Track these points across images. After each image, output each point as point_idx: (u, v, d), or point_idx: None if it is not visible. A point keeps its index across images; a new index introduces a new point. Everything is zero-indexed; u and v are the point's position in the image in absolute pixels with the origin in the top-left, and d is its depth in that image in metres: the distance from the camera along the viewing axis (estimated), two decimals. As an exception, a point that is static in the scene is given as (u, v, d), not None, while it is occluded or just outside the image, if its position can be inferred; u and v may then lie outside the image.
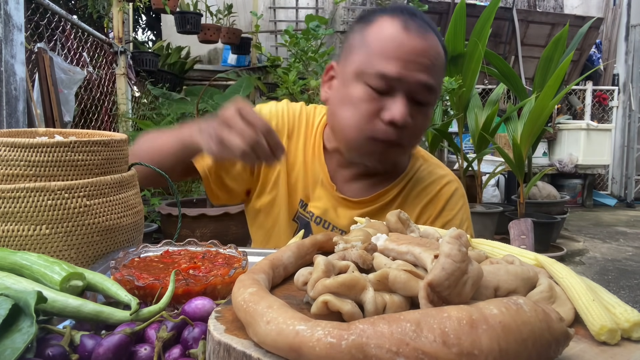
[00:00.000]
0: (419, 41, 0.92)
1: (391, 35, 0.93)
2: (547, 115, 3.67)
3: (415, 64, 0.91)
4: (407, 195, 1.10)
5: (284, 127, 1.13)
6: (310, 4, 6.55)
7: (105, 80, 4.23)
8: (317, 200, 1.09)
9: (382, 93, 0.93)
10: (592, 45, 7.10)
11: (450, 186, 1.11)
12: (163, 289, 0.58)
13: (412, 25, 0.93)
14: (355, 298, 0.45)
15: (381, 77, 0.91)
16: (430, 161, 1.16)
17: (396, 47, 0.91)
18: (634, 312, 0.46)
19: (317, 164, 1.10)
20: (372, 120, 0.93)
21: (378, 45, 0.93)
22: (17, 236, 0.77)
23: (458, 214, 1.10)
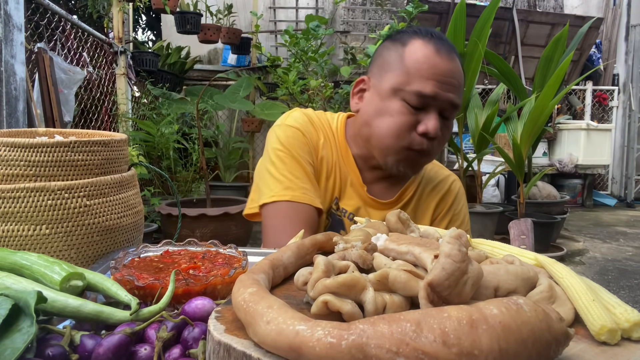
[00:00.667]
0: (449, 64, 1.05)
1: (426, 57, 1.04)
2: (547, 115, 3.67)
3: (447, 85, 1.04)
4: (422, 192, 1.24)
5: (318, 133, 1.18)
6: (310, 4, 6.55)
7: (105, 80, 4.23)
8: (349, 199, 1.18)
9: (417, 109, 1.04)
10: (592, 45, 7.10)
11: (456, 184, 1.29)
12: (163, 289, 0.58)
13: (442, 49, 1.06)
14: (355, 298, 0.45)
15: (419, 95, 1.03)
16: (435, 162, 1.30)
17: (432, 69, 1.03)
18: (634, 312, 0.46)
19: (346, 164, 1.18)
20: (408, 132, 1.05)
21: (415, 66, 1.04)
22: (17, 236, 0.77)
23: (463, 207, 1.28)
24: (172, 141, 4.15)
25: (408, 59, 1.05)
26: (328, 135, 1.20)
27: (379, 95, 1.09)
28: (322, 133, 1.20)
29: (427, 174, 1.26)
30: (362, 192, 1.17)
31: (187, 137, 4.46)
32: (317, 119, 1.22)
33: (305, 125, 1.17)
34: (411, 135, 1.05)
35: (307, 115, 1.21)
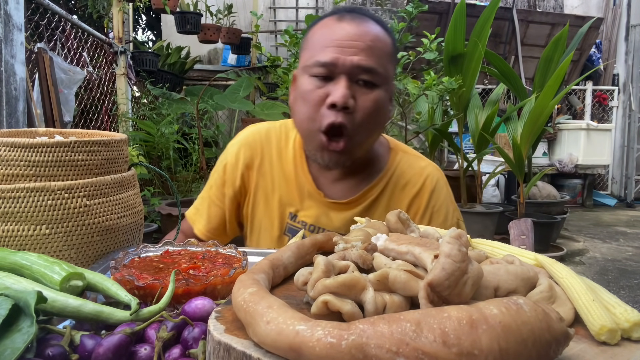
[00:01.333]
0: (351, 27, 0.98)
1: (326, 27, 1.01)
2: (547, 115, 3.67)
3: (350, 48, 0.96)
4: (393, 189, 1.13)
5: (252, 155, 1.18)
6: (310, 4, 6.55)
7: (105, 80, 4.23)
8: (308, 210, 1.13)
9: (326, 80, 0.98)
10: (592, 45, 7.10)
11: (432, 177, 1.15)
12: (163, 289, 0.58)
13: (346, 16, 1.01)
14: (355, 298, 0.45)
15: (319, 65, 0.97)
16: (410, 153, 1.19)
17: (331, 35, 0.98)
18: (634, 312, 0.46)
19: (301, 174, 1.14)
20: (318, 108, 0.98)
21: (317, 39, 1.01)
22: (17, 236, 0.77)
23: (444, 201, 1.14)
24: (172, 141, 4.15)
25: (312, 36, 1.03)
26: (281, 150, 1.16)
27: (297, 81, 1.05)
28: (268, 152, 1.17)
29: (400, 167, 1.15)
30: (320, 199, 1.12)
31: (187, 137, 4.46)
32: (266, 137, 1.18)
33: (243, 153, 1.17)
34: (321, 112, 0.97)
35: (250, 138, 1.19)
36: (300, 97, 1.02)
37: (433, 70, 3.65)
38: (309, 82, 0.99)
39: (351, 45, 0.96)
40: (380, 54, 1.00)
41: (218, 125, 5.21)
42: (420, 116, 3.87)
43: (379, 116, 1.02)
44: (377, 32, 1.00)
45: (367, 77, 0.98)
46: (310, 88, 0.99)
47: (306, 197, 1.13)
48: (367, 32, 0.99)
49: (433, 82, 3.30)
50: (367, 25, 1.00)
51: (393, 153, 1.17)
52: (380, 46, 1.00)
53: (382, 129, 1.08)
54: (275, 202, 1.15)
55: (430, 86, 3.31)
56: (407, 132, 3.71)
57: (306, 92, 0.99)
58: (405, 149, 1.20)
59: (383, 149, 1.18)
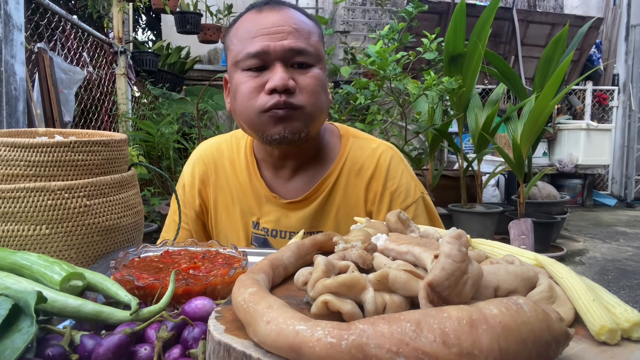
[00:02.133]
0: (273, 15, 0.99)
1: (248, 20, 1.01)
2: (547, 115, 3.67)
3: (277, 34, 0.96)
4: (348, 175, 1.11)
5: (206, 170, 1.18)
6: (310, 4, 6.55)
7: (105, 80, 4.23)
8: (267, 215, 1.12)
9: (260, 70, 0.97)
10: (592, 45, 7.10)
11: (386, 155, 1.12)
12: (163, 289, 0.58)
13: (264, 7, 1.01)
14: (355, 298, 0.45)
15: (251, 57, 0.96)
16: (361, 137, 1.17)
17: (255, 27, 0.98)
18: (634, 312, 0.45)
19: (255, 181, 1.12)
20: (257, 95, 0.97)
21: (241, 33, 1.00)
22: (17, 236, 0.77)
23: (402, 178, 1.11)
24: (172, 141, 4.15)
25: (236, 32, 1.02)
26: (233, 160, 1.16)
27: (230, 81, 1.04)
28: (222, 165, 1.16)
29: (352, 152, 1.12)
30: (277, 202, 1.10)
31: (187, 137, 4.46)
32: (217, 151, 1.18)
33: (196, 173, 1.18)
34: (260, 98, 0.96)
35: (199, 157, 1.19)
36: (236, 92, 1.00)
37: (433, 70, 3.65)
38: (243, 76, 0.98)
39: (278, 31, 0.96)
40: (307, 35, 1.00)
41: (218, 125, 5.21)
42: (420, 116, 3.87)
43: (321, 94, 1.01)
44: (297, 16, 1.01)
45: (301, 59, 0.98)
46: (245, 80, 0.97)
47: (264, 202, 1.12)
48: (290, 16, 0.99)
49: (433, 82, 3.30)
50: (287, 11, 1.01)
51: (344, 140, 1.15)
52: (305, 28, 1.00)
53: (327, 109, 1.06)
54: (237, 214, 1.14)
55: (430, 86, 3.31)
56: (407, 132, 3.71)
57: (242, 85, 0.98)
58: (356, 134, 1.17)
59: (334, 138, 1.15)
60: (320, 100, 1.01)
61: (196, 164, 1.19)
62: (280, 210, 1.11)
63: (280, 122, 0.97)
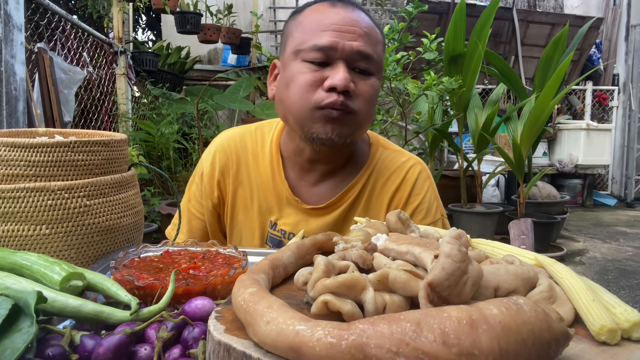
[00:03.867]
0: (347, 13, 0.96)
1: (320, 11, 0.97)
2: (547, 115, 3.67)
3: (348, 34, 0.94)
4: (373, 186, 1.09)
5: (227, 161, 1.13)
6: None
7: (105, 80, 4.23)
8: (287, 218, 1.09)
9: (322, 65, 0.94)
10: (592, 45, 7.10)
11: (414, 170, 1.10)
12: (163, 289, 0.58)
13: (338, 3, 0.98)
14: (355, 298, 0.45)
15: (316, 50, 0.93)
16: (391, 148, 1.15)
17: (327, 20, 0.95)
18: (634, 312, 0.45)
19: (278, 180, 1.09)
20: (314, 90, 0.94)
21: (309, 23, 0.97)
22: (17, 236, 0.77)
23: (426, 196, 1.09)
24: (172, 141, 4.16)
25: (303, 20, 0.99)
26: (257, 155, 1.12)
27: (284, 69, 1.00)
28: (244, 158, 1.12)
29: (381, 162, 1.10)
30: (298, 205, 1.07)
31: (187, 137, 4.46)
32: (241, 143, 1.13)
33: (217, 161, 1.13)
34: (318, 93, 0.93)
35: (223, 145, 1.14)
36: (291, 82, 0.96)
37: (433, 70, 3.65)
38: (303, 66, 0.94)
39: (349, 31, 0.94)
40: (374, 42, 0.98)
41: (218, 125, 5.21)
42: (420, 116, 3.87)
43: (374, 104, 1.00)
44: (368, 21, 0.99)
45: (364, 65, 0.95)
46: (304, 71, 0.94)
47: (284, 204, 1.08)
48: (362, 19, 0.97)
49: (433, 82, 3.30)
50: (360, 13, 0.98)
51: (373, 148, 1.13)
52: (374, 34, 0.98)
53: (373, 119, 1.05)
54: (255, 211, 1.11)
55: (430, 86, 3.31)
56: (407, 132, 3.71)
57: (299, 76, 0.94)
58: (385, 144, 1.15)
59: (364, 145, 1.14)
60: (372, 110, 1.00)
61: (217, 153, 1.14)
62: (300, 215, 1.08)
63: (331, 123, 0.94)
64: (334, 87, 0.91)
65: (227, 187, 1.13)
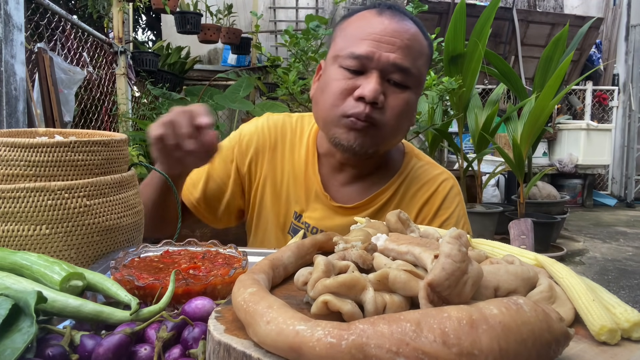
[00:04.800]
0: (390, 23, 0.95)
1: (365, 19, 0.97)
2: (547, 115, 3.67)
3: (387, 45, 0.93)
4: (403, 195, 1.09)
5: (265, 143, 1.14)
6: (310, 4, 6.55)
7: (105, 80, 4.23)
8: (313, 212, 1.09)
9: (357, 73, 0.94)
10: (592, 45, 7.10)
11: (446, 184, 1.10)
12: (163, 289, 0.58)
13: (386, 12, 0.97)
14: (355, 298, 0.45)
15: (353, 57, 0.93)
16: (424, 159, 1.16)
17: (368, 29, 0.94)
18: (634, 312, 0.45)
19: (311, 173, 1.10)
20: (344, 98, 0.95)
21: (352, 30, 0.97)
22: (17, 236, 0.77)
23: (454, 212, 1.10)
24: (172, 141, 4.14)
25: (347, 27, 0.99)
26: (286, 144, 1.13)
27: (324, 72, 1.02)
28: (281, 144, 1.13)
29: (413, 172, 1.11)
30: (327, 201, 1.08)
31: (187, 137, 4.45)
32: (281, 129, 1.15)
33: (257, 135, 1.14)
34: (347, 101, 0.94)
35: (266, 124, 1.16)
36: (326, 86, 0.98)
37: (433, 70, 3.65)
38: (338, 72, 0.96)
39: (388, 42, 0.93)
40: (416, 55, 0.96)
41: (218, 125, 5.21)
42: (420, 116, 3.87)
43: (406, 119, 0.99)
44: (415, 32, 0.97)
45: (399, 78, 0.94)
46: (337, 77, 0.95)
47: (313, 198, 1.09)
48: (406, 30, 0.95)
49: (433, 82, 3.30)
50: (406, 23, 0.97)
51: (407, 157, 1.13)
52: (417, 47, 0.97)
53: (405, 133, 1.04)
54: (283, 198, 1.12)
55: (430, 86, 3.31)
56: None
57: (333, 82, 0.96)
58: (420, 155, 1.17)
59: (397, 154, 1.14)
60: (401, 124, 0.99)
61: (261, 131, 1.15)
62: (326, 211, 1.08)
63: (354, 132, 0.95)
64: (362, 97, 0.92)
65: (258, 166, 1.14)
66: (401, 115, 0.97)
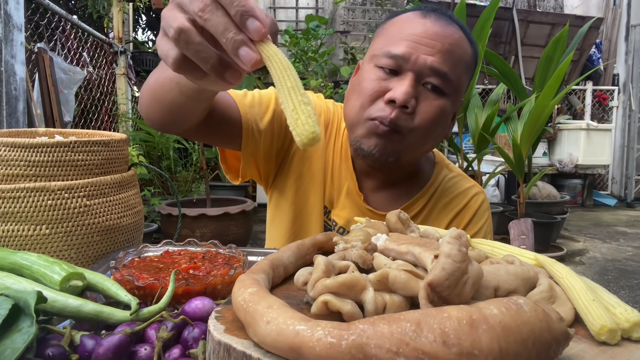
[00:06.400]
0: (433, 26, 0.90)
1: (407, 20, 0.93)
2: (547, 115, 3.67)
3: (425, 47, 0.89)
4: (433, 207, 1.07)
5: (325, 122, 1.09)
6: (310, 4, 6.55)
7: (105, 80, 4.24)
8: (342, 209, 1.05)
9: (392, 74, 0.90)
10: (592, 45, 7.10)
11: (477, 199, 1.08)
12: (163, 289, 0.58)
13: (431, 15, 0.92)
14: (355, 298, 0.45)
15: (389, 56, 0.89)
16: (455, 171, 1.13)
17: (409, 29, 0.91)
18: (634, 312, 0.45)
19: (344, 169, 1.06)
20: (374, 100, 0.90)
21: (393, 30, 0.93)
22: (17, 236, 0.77)
23: (483, 227, 1.08)
24: (172, 141, 4.16)
25: (389, 27, 0.95)
26: (333, 131, 1.09)
27: (360, 69, 0.98)
28: (327, 131, 1.08)
29: (444, 184, 1.08)
30: (359, 202, 1.04)
31: (187, 137, 4.46)
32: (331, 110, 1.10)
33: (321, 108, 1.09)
34: (377, 104, 0.90)
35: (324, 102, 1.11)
36: (358, 85, 0.94)
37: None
38: (373, 72, 0.91)
39: (428, 44, 0.88)
40: (456, 62, 0.91)
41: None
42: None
43: (438, 127, 0.94)
44: (458, 38, 0.92)
45: (436, 82, 0.89)
46: (372, 77, 0.91)
47: (344, 195, 1.05)
48: (449, 34, 0.90)
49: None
50: (450, 27, 0.92)
51: (438, 167, 1.11)
52: (459, 53, 0.92)
53: (436, 143, 0.99)
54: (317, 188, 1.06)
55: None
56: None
57: (366, 81, 0.91)
58: (450, 166, 1.14)
59: (428, 164, 1.11)
60: (431, 132, 0.93)
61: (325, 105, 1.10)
62: (356, 211, 1.04)
63: (376, 137, 0.90)
64: (393, 101, 0.87)
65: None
66: (432, 123, 0.92)
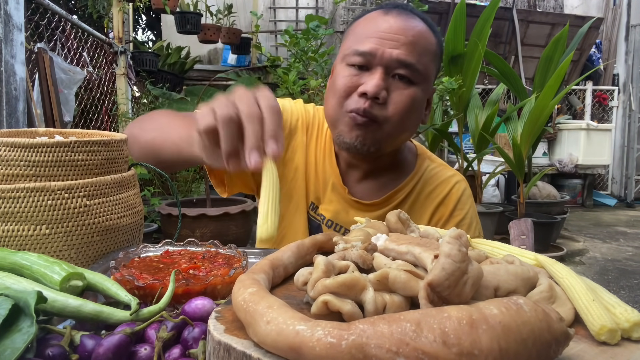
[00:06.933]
0: (396, 21, 0.97)
1: (371, 18, 1.00)
2: (547, 115, 3.67)
3: (391, 41, 0.95)
4: (417, 195, 1.11)
5: (304, 124, 1.15)
6: (310, 4, 6.55)
7: (105, 80, 4.24)
8: (328, 204, 1.10)
9: (362, 70, 0.96)
10: (592, 45, 7.10)
11: (459, 186, 1.13)
12: (163, 289, 0.58)
13: (393, 11, 0.99)
14: (355, 298, 0.45)
15: (358, 54, 0.96)
16: (436, 162, 1.18)
17: (373, 27, 0.97)
18: (634, 312, 0.45)
19: (328, 165, 1.11)
20: (349, 95, 0.97)
21: (359, 30, 1.00)
22: (17, 236, 0.77)
23: (468, 212, 1.12)
24: (172, 141, 4.14)
25: (355, 28, 1.02)
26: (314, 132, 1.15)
27: (333, 71, 1.05)
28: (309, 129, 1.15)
29: (427, 174, 1.14)
30: (344, 194, 1.09)
31: (187, 137, 4.45)
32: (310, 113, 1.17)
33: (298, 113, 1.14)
34: (351, 98, 0.96)
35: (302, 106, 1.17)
36: (333, 85, 1.01)
37: (433, 70, 3.65)
38: (345, 70, 0.98)
39: (392, 39, 0.95)
40: (421, 51, 0.98)
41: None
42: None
43: (412, 114, 1.00)
44: (421, 29, 0.98)
45: (404, 72, 0.95)
46: (345, 75, 0.98)
47: (329, 189, 1.10)
48: (411, 27, 0.97)
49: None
50: (412, 21, 0.98)
51: (420, 159, 1.15)
52: (423, 43, 0.98)
53: (413, 130, 1.05)
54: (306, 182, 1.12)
55: (430, 86, 3.31)
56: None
57: (340, 79, 0.98)
58: (432, 157, 1.19)
59: (410, 155, 1.16)
60: (407, 119, 0.99)
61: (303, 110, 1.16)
62: (342, 204, 1.09)
63: (356, 129, 0.96)
64: (365, 93, 0.93)
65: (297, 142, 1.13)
66: (406, 111, 0.97)
